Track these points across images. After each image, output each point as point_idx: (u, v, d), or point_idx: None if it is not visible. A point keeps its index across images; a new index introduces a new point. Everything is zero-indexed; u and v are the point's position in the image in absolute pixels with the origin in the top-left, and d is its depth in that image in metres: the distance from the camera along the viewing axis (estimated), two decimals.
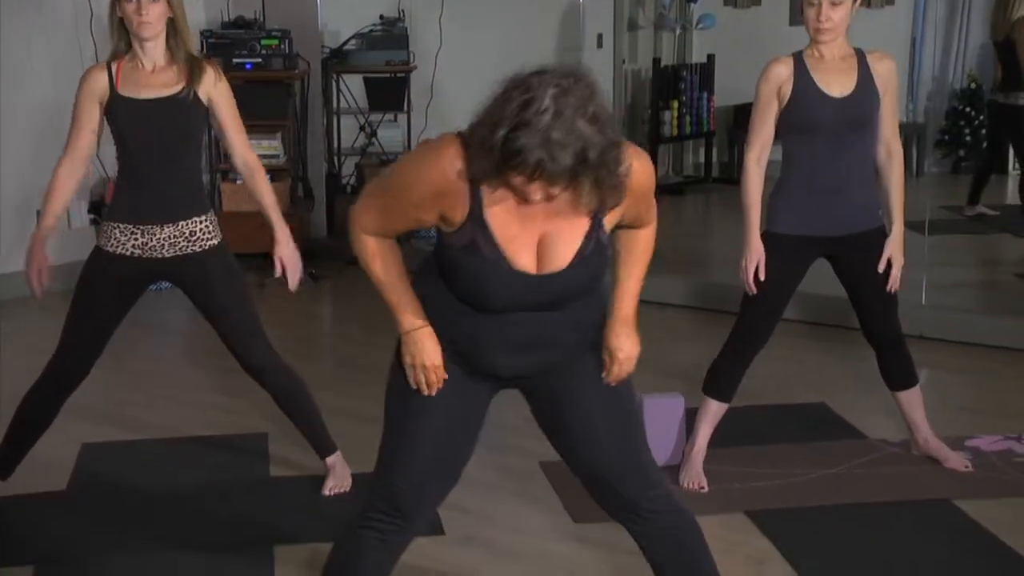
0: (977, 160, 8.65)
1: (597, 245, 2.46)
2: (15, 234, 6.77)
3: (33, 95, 6.47)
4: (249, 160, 3.78)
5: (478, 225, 2.39)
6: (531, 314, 2.50)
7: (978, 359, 5.50)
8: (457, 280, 2.48)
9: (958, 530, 3.71)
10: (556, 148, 2.15)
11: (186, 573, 3.46)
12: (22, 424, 3.79)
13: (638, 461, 2.70)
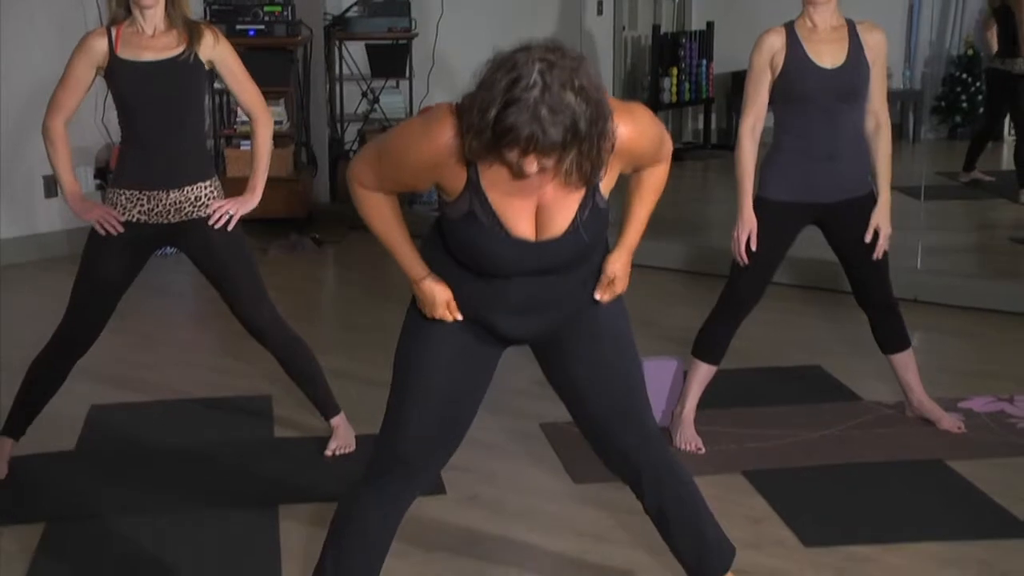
0: (974, 126, 8.62)
1: (593, 210, 2.46)
2: (20, 200, 6.78)
3: (36, 64, 6.44)
4: (254, 108, 3.77)
5: (476, 195, 2.40)
6: (534, 279, 2.51)
7: (972, 322, 5.51)
8: (458, 247, 2.50)
9: (951, 490, 3.72)
10: (547, 122, 2.16)
11: (192, 531, 3.47)
12: (32, 387, 3.79)
13: (641, 418, 2.73)
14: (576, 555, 3.33)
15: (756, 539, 3.39)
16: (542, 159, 2.24)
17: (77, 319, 3.70)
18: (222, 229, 3.70)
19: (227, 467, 3.94)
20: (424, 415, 2.59)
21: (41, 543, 3.40)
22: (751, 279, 3.93)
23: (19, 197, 6.79)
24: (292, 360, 3.93)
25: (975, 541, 3.38)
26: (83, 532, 3.48)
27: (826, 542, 3.38)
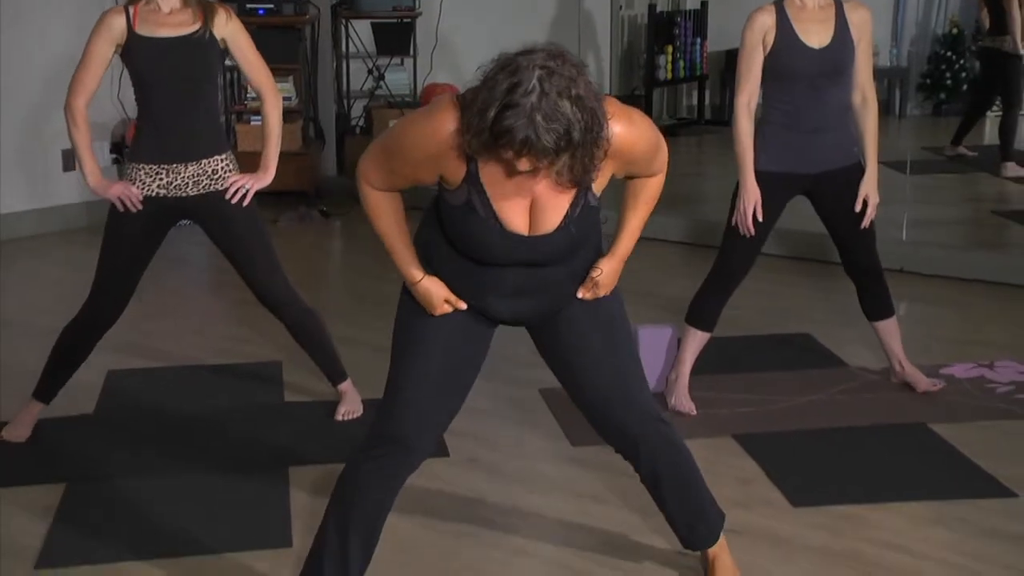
0: (964, 103, 8.59)
1: (585, 208, 2.47)
2: (43, 174, 6.77)
3: (55, 41, 6.42)
4: (264, 87, 3.76)
5: (474, 187, 2.41)
6: (525, 268, 2.53)
7: (954, 291, 5.51)
8: (454, 234, 2.50)
9: (933, 452, 3.73)
10: (541, 128, 2.17)
11: (205, 492, 3.48)
12: (60, 357, 3.81)
13: (633, 391, 2.73)
14: (573, 516, 3.34)
15: (746, 499, 3.40)
16: (535, 162, 2.24)
17: (103, 295, 3.70)
18: (238, 203, 3.69)
19: (239, 431, 3.95)
20: (420, 393, 2.59)
21: (62, 503, 3.41)
22: (742, 250, 3.93)
23: (38, 170, 6.78)
24: (303, 329, 3.93)
25: (956, 501, 3.39)
26: (101, 492, 3.49)
27: (813, 502, 3.39)
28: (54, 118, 6.57)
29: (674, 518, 2.89)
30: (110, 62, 3.61)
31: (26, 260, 6.31)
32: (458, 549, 3.16)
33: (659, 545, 3.13)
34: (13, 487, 3.52)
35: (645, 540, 3.18)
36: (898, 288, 4.23)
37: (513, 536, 3.24)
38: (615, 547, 3.16)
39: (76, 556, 3.12)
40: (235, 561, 3.08)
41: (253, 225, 3.76)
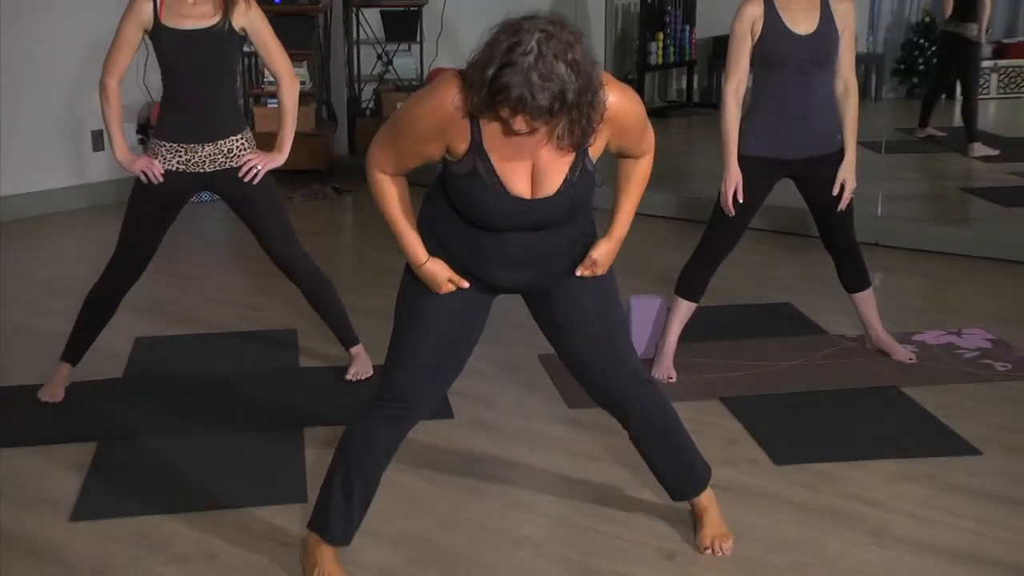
0: (927, 86, 8.57)
1: (583, 172, 2.45)
2: (74, 153, 6.76)
3: (86, 27, 6.39)
4: (281, 72, 3.74)
5: (478, 154, 2.39)
6: (528, 233, 2.51)
7: (926, 264, 5.51)
8: (459, 202, 2.49)
9: (905, 413, 3.74)
10: (536, 87, 2.15)
11: (226, 450, 3.49)
12: (88, 317, 3.82)
13: (623, 358, 2.73)
14: (569, 473, 3.34)
15: (732, 458, 3.41)
16: (531, 121, 2.22)
17: (125, 255, 3.72)
18: (251, 180, 3.69)
19: (257, 393, 3.95)
20: (421, 359, 2.60)
21: (94, 460, 3.42)
22: (730, 227, 3.91)
23: (70, 150, 6.77)
24: (318, 296, 3.94)
25: (925, 458, 3.40)
26: (130, 450, 3.50)
27: (794, 460, 3.39)
28: (85, 101, 6.59)
29: (662, 472, 2.91)
30: (139, 45, 3.62)
31: (60, 233, 6.30)
32: (462, 503, 3.17)
33: (649, 498, 3.14)
34: (49, 445, 3.53)
35: (636, 494, 3.18)
36: (873, 260, 4.23)
37: (513, 491, 3.24)
38: (609, 500, 3.17)
39: (108, 509, 3.13)
40: (254, 515, 3.09)
41: (270, 199, 3.76)
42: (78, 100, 6.61)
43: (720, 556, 2.88)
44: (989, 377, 4.03)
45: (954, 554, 2.88)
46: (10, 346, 4.41)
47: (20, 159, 6.52)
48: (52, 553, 2.92)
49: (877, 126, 7.09)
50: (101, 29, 5.93)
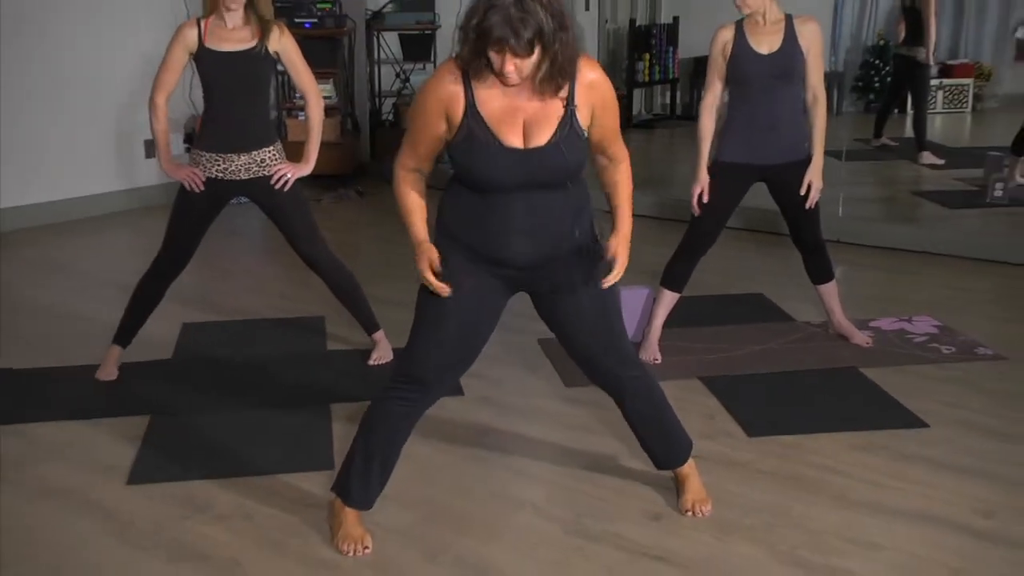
0: (882, 101, 8.57)
1: (571, 131, 2.44)
2: (128, 160, 6.75)
3: (139, 48, 6.38)
4: (308, 91, 3.74)
5: (474, 117, 2.40)
6: (530, 196, 2.46)
7: (881, 258, 5.50)
8: (464, 167, 2.46)
9: (863, 391, 3.73)
10: (518, 23, 2.21)
11: (261, 424, 3.49)
12: (136, 304, 3.82)
13: (618, 345, 2.72)
14: (567, 444, 3.34)
15: (710, 431, 3.40)
16: (516, 59, 2.27)
17: (169, 251, 3.72)
18: (281, 187, 3.69)
19: (289, 374, 3.95)
20: (437, 347, 2.57)
21: (146, 432, 3.42)
22: (709, 225, 3.90)
23: (124, 157, 6.77)
24: (341, 288, 3.93)
25: (880, 431, 3.39)
26: (178, 424, 3.50)
27: (765, 433, 3.39)
28: (137, 113, 6.59)
29: (649, 444, 2.91)
30: (185, 65, 3.62)
31: (114, 231, 6.30)
32: (470, 470, 3.17)
33: (638, 467, 3.13)
34: (106, 418, 3.54)
35: (627, 463, 3.18)
36: (835, 255, 4.22)
37: (516, 459, 3.24)
38: (601, 468, 3.16)
39: (159, 475, 3.14)
40: (286, 481, 3.09)
41: (297, 203, 3.76)
42: (131, 113, 6.60)
43: (700, 518, 2.88)
44: (936, 359, 4.02)
45: (906, 515, 2.88)
46: (70, 330, 4.41)
47: (80, 165, 6.52)
48: (112, 512, 2.93)
49: (838, 137, 7.04)
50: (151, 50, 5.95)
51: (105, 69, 6.48)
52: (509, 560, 2.69)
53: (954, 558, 2.67)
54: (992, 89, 8.98)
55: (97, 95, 6.50)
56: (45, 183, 6.36)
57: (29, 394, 3.75)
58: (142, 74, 6.41)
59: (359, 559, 2.69)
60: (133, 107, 6.59)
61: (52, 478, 3.14)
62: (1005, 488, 3.03)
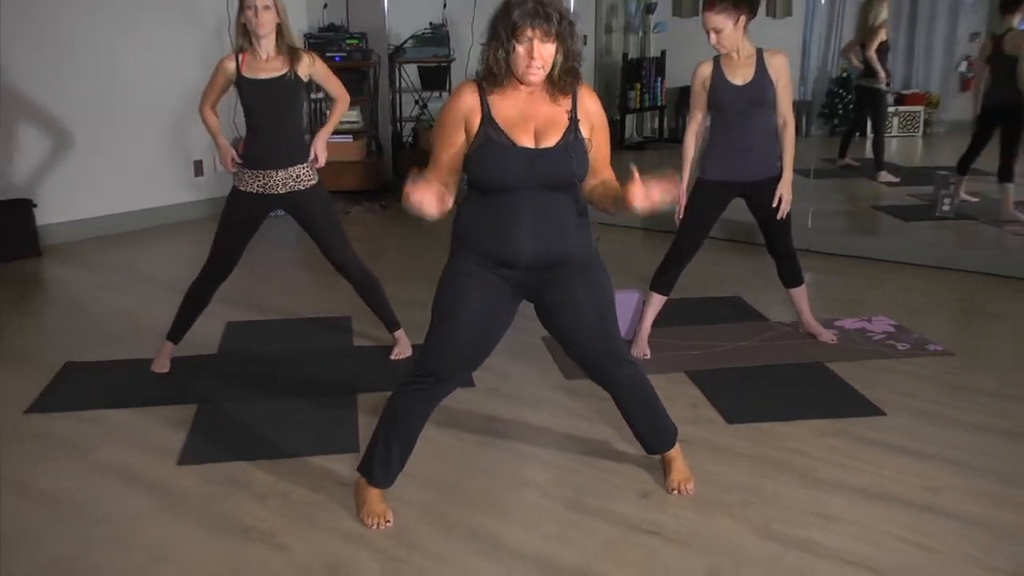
0: (845, 125, 8.57)
1: (576, 138, 2.45)
2: (180, 177, 6.76)
3: (186, 79, 6.39)
4: (339, 94, 3.80)
5: (490, 124, 2.41)
6: (536, 197, 2.43)
7: (845, 265, 5.48)
8: (480, 167, 2.43)
9: (828, 383, 3.72)
10: (544, 9, 2.31)
11: (295, 411, 3.49)
12: (187, 305, 3.82)
13: (613, 345, 2.70)
14: (566, 431, 3.34)
15: (694, 418, 3.40)
16: (543, 46, 2.32)
17: (217, 257, 3.72)
18: (316, 197, 3.70)
19: (320, 367, 3.95)
20: (451, 346, 2.55)
21: (194, 419, 3.42)
22: (694, 235, 3.89)
23: (178, 175, 6.77)
24: (366, 290, 3.92)
25: (844, 418, 3.39)
26: (222, 411, 3.50)
27: (742, 420, 3.39)
28: (186, 137, 6.60)
29: (640, 431, 2.90)
30: (227, 89, 3.66)
31: (166, 240, 6.31)
32: (480, 453, 3.17)
33: (629, 451, 3.13)
34: (159, 406, 3.54)
35: (620, 448, 3.18)
36: (805, 262, 4.21)
37: (522, 444, 3.24)
38: (598, 453, 3.16)
39: (205, 457, 3.14)
40: (316, 463, 3.09)
41: (329, 216, 3.76)
42: (180, 137, 6.62)
43: (684, 496, 2.87)
44: (892, 354, 4.01)
45: (864, 492, 2.88)
46: (128, 328, 4.41)
47: (138, 183, 6.52)
48: (164, 489, 2.93)
49: (807, 157, 7.04)
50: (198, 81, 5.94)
51: (158, 98, 6.49)
52: (516, 533, 2.68)
53: (904, 530, 2.68)
54: (940, 116, 8.98)
55: (152, 121, 6.51)
56: (107, 198, 6.37)
57: (93, 384, 3.76)
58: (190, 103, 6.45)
59: (382, 532, 2.68)
60: (182, 132, 6.61)
61: (113, 458, 3.14)
62: (951, 469, 3.03)
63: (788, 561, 2.54)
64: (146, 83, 6.43)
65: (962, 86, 8.73)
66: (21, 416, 3.48)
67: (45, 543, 2.65)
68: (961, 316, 4.59)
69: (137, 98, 6.40)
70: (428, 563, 2.54)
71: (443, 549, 2.60)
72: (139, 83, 6.40)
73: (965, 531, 2.68)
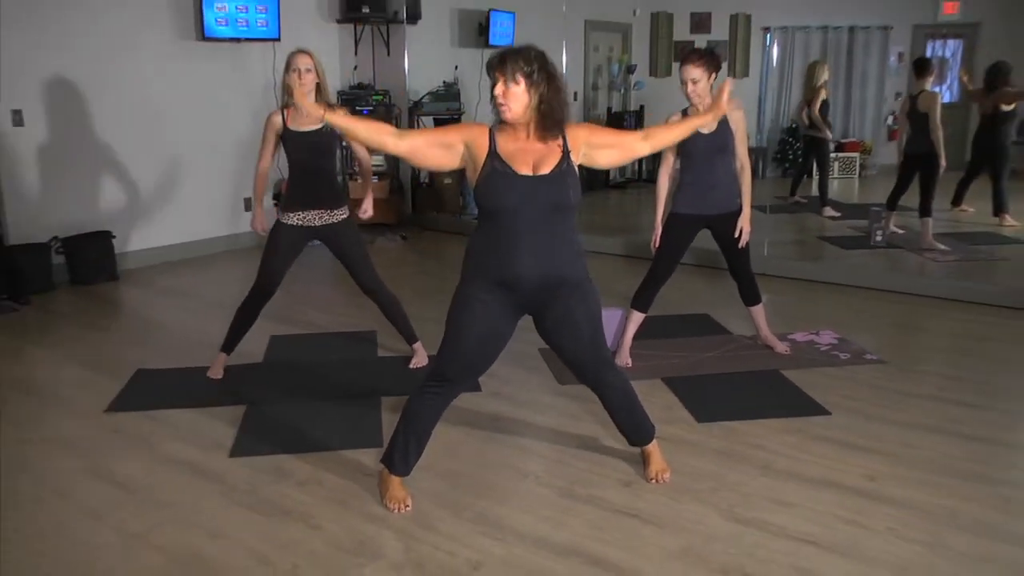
0: (794, 168, 8.59)
1: (568, 167, 2.46)
2: (231, 212, 6.78)
3: (238, 129, 6.43)
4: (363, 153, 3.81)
5: (495, 158, 2.42)
6: (535, 222, 2.42)
7: (796, 287, 5.47)
8: (486, 193, 2.43)
9: (783, 388, 3.71)
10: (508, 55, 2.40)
11: (328, 411, 3.48)
12: (239, 322, 3.81)
13: (601, 354, 2.70)
14: (560, 428, 3.33)
15: (669, 418, 3.39)
16: (505, 85, 2.36)
17: (263, 280, 3.72)
18: (347, 229, 3.70)
19: (349, 374, 3.94)
20: (461, 356, 2.55)
21: (243, 418, 3.42)
22: (667, 261, 3.90)
23: (229, 210, 6.78)
24: (389, 308, 3.92)
25: (795, 417, 3.38)
26: (267, 411, 3.49)
27: (710, 419, 3.38)
28: (238, 178, 6.61)
29: (623, 428, 2.89)
30: (277, 144, 3.67)
31: (219, 265, 6.31)
32: (486, 448, 3.16)
33: (614, 445, 3.12)
34: (214, 407, 3.54)
35: (606, 443, 3.17)
36: (762, 285, 4.20)
37: (521, 440, 3.23)
38: (587, 447, 3.15)
39: (253, 450, 3.13)
40: (346, 455, 3.09)
41: (357, 243, 3.76)
42: (233, 179, 6.64)
43: (661, 484, 2.86)
44: (836, 363, 4.00)
45: (812, 480, 2.87)
46: (189, 341, 4.41)
47: (200, 216, 6.53)
48: (218, 477, 2.93)
49: (762, 195, 7.07)
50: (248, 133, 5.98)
51: (214, 147, 6.51)
52: (516, 516, 2.67)
53: (845, 511, 2.68)
54: (872, 160, 9.03)
55: (208, 166, 6.52)
56: (171, 230, 6.38)
57: (160, 388, 3.75)
58: (240, 149, 6.47)
59: (402, 514, 2.68)
60: (235, 174, 6.62)
61: (175, 451, 3.14)
62: (885, 460, 3.02)
63: (748, 539, 2.53)
64: (205, 134, 6.45)
65: (889, 136, 8.80)
66: (102, 414, 3.48)
67: (123, 521, 2.65)
68: (892, 330, 4.59)
69: (197, 147, 6.42)
70: (441, 541, 2.54)
71: (454, 529, 2.60)
72: (199, 134, 6.42)
73: (893, 511, 2.68)
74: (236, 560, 2.45)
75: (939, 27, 7.85)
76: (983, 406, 3.48)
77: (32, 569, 2.42)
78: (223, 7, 6.28)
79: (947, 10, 7.46)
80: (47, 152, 5.61)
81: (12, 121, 5.42)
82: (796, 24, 8.82)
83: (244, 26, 6.39)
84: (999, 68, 6.22)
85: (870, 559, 2.43)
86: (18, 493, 2.83)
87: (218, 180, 6.64)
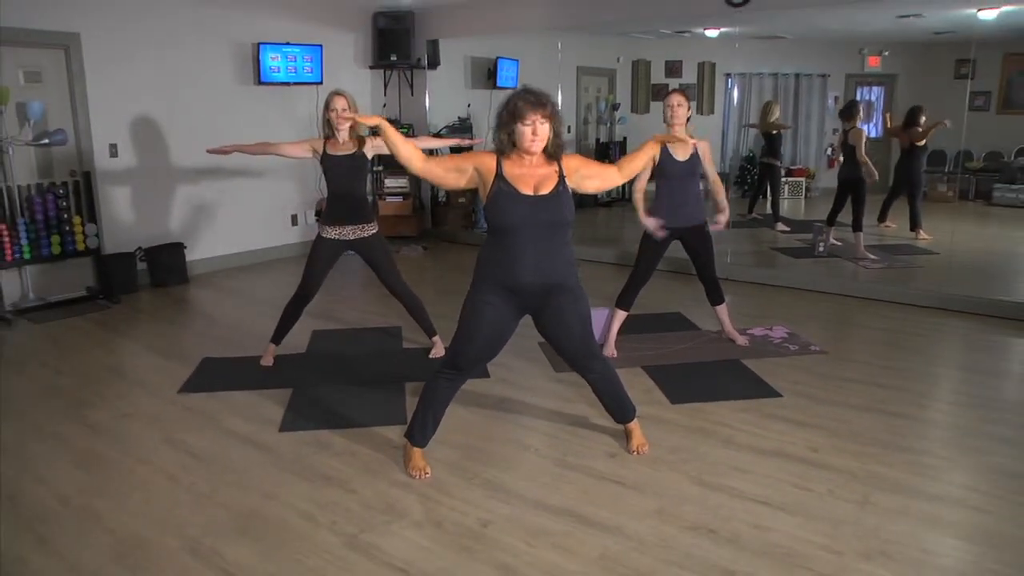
0: (752, 190, 8.59)
1: (564, 189, 2.45)
2: (280, 226, 6.78)
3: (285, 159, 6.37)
4: None
5: (502, 179, 2.41)
6: (536, 235, 2.41)
7: (752, 290, 5.45)
8: (494, 211, 2.42)
9: (742, 374, 3.70)
10: (540, 97, 2.36)
11: (361, 394, 3.48)
12: (285, 318, 3.81)
13: (589, 346, 2.70)
14: (556, 408, 3.32)
15: (647, 400, 3.38)
16: (540, 125, 2.34)
17: (306, 283, 3.71)
18: (377, 241, 3.69)
19: (379, 363, 3.93)
20: (471, 348, 2.56)
21: (290, 399, 3.42)
22: (646, 266, 3.89)
23: (279, 224, 6.77)
24: (412, 307, 3.91)
25: (753, 399, 3.38)
26: (310, 393, 3.49)
27: (682, 401, 3.37)
28: (287, 196, 6.60)
29: (609, 408, 2.88)
30: (303, 151, 3.56)
31: (271, 272, 6.30)
32: (492, 425, 3.15)
33: (602, 423, 3.12)
34: (266, 389, 3.54)
35: (595, 422, 3.17)
36: (725, 287, 4.22)
37: (523, 418, 3.22)
38: (579, 424, 3.15)
39: (298, 426, 3.13)
40: (376, 431, 3.08)
41: (386, 253, 3.76)
42: (282, 197, 6.63)
43: (641, 455, 2.86)
44: (787, 353, 3.98)
45: (766, 452, 2.87)
46: (245, 333, 4.41)
47: (255, 229, 6.52)
48: (270, 448, 2.93)
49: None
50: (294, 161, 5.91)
51: (267, 171, 6.49)
52: (519, 483, 2.67)
53: (793, 477, 2.68)
54: (815, 184, 9.06)
55: (262, 186, 6.51)
56: (231, 241, 6.37)
57: (222, 373, 3.75)
58: (287, 171, 6.45)
59: (423, 480, 2.68)
60: (283, 194, 6.61)
61: (235, 426, 3.14)
62: (826, 434, 3.02)
63: (713, 500, 2.53)
64: (259, 162, 6.43)
65: (828, 164, 8.85)
66: (175, 395, 3.49)
67: (194, 482, 2.67)
68: (832, 326, 4.57)
69: (252, 173, 6.42)
70: (456, 503, 2.54)
71: (466, 494, 2.60)
72: (254, 162, 6.39)
73: (831, 476, 2.68)
74: (286, 516, 2.46)
75: (866, 76, 8.10)
76: (903, 388, 3.47)
77: (124, 519, 2.45)
78: (276, 56, 6.33)
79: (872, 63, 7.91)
80: (133, 177, 5.65)
81: (109, 153, 5.48)
82: (752, 71, 8.86)
83: (293, 72, 6.43)
84: (914, 111, 6.45)
85: (812, 516, 2.44)
86: (112, 459, 2.85)
87: (269, 200, 6.63)
